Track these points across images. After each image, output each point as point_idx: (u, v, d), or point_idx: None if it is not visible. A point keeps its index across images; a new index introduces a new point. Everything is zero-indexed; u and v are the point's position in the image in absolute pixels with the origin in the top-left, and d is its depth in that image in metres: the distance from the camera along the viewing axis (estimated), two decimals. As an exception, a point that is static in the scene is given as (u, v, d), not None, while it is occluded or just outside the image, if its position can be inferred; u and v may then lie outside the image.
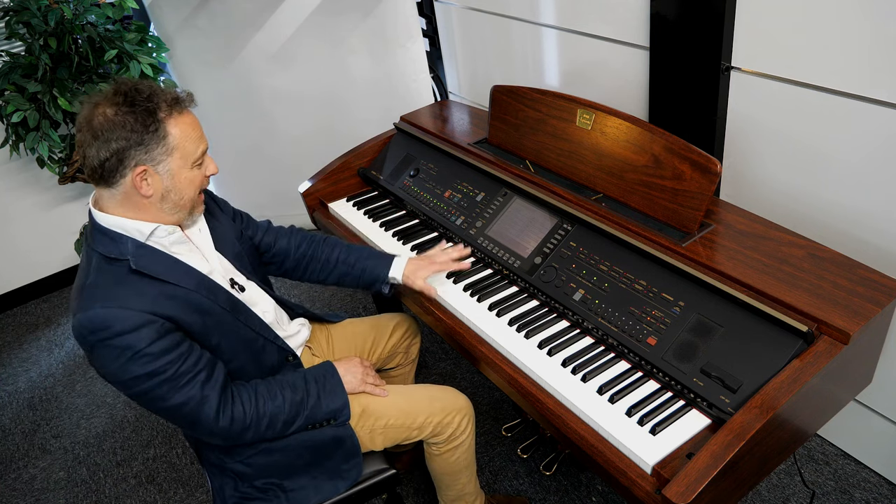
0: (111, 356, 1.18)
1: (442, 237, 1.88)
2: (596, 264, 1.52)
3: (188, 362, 1.24)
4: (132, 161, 1.19)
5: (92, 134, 1.17)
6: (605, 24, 1.99)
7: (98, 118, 1.18)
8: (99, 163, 1.18)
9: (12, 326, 3.21)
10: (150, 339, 1.19)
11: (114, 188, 1.22)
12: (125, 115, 1.18)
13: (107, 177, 1.20)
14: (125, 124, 1.17)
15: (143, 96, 1.19)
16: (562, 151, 1.76)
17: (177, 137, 1.22)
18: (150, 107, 1.19)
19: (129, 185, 1.21)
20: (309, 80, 3.04)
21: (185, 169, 1.26)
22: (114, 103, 1.18)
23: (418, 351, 1.98)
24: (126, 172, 1.20)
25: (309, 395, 1.42)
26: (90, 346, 1.19)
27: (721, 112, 1.75)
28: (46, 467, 2.38)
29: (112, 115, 1.17)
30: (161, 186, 1.24)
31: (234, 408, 1.31)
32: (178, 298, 1.26)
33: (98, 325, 1.16)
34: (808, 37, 1.49)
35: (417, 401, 1.59)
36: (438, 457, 1.65)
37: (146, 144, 1.19)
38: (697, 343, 1.29)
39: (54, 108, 2.52)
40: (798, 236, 1.45)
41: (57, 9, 2.44)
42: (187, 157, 1.25)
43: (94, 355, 1.20)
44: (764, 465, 1.22)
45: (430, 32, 3.05)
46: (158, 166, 1.22)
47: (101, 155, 1.17)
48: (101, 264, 1.22)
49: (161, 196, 1.25)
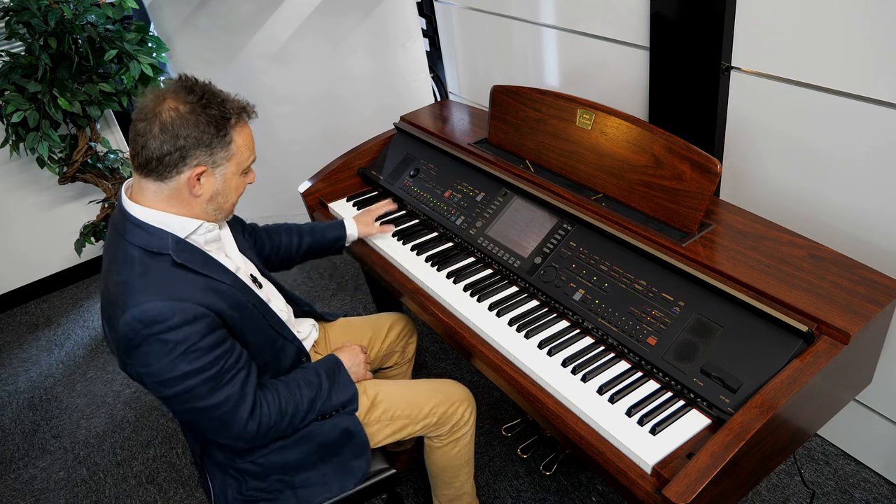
0: (161, 351, 1.16)
1: (442, 237, 1.88)
2: (596, 264, 1.52)
3: (231, 359, 1.24)
4: (194, 160, 1.20)
5: (160, 126, 1.17)
6: (605, 24, 1.99)
7: (170, 112, 1.17)
8: (160, 155, 1.17)
9: (12, 326, 3.21)
10: (203, 334, 1.18)
11: (164, 182, 1.21)
12: (199, 115, 1.18)
13: (162, 170, 1.19)
14: (198, 124, 1.18)
15: (217, 100, 1.21)
16: (562, 151, 1.76)
17: (238, 145, 1.25)
18: (223, 112, 1.21)
19: (182, 182, 1.21)
20: (309, 80, 3.04)
21: (236, 176, 1.28)
22: (187, 101, 1.19)
23: (415, 350, 1.99)
24: (184, 170, 1.20)
25: (321, 389, 1.43)
26: (140, 342, 1.15)
27: (721, 112, 1.75)
28: (46, 467, 2.38)
29: (186, 112, 1.18)
30: (212, 188, 1.25)
31: (261, 409, 1.31)
32: (221, 293, 1.26)
33: (155, 318, 1.14)
34: (808, 37, 1.49)
35: (421, 392, 1.61)
36: (440, 449, 1.65)
37: (212, 147, 1.20)
38: (697, 343, 1.29)
39: (54, 108, 2.52)
40: (798, 236, 1.45)
41: (57, 9, 2.44)
42: (241, 164, 1.28)
43: (141, 352, 1.16)
44: (764, 465, 1.22)
45: (430, 32, 3.05)
46: (216, 169, 1.24)
47: (164, 148, 1.17)
48: (144, 258, 1.20)
49: (210, 197, 1.26)
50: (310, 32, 2.92)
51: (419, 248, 1.85)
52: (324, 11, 2.88)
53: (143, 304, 1.14)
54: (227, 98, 1.25)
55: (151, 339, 1.15)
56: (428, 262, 1.78)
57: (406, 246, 1.87)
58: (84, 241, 2.94)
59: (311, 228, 1.82)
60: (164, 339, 1.15)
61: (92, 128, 2.79)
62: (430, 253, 1.81)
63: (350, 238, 1.86)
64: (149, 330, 1.14)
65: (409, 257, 1.82)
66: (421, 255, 1.81)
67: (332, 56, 2.99)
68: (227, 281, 1.29)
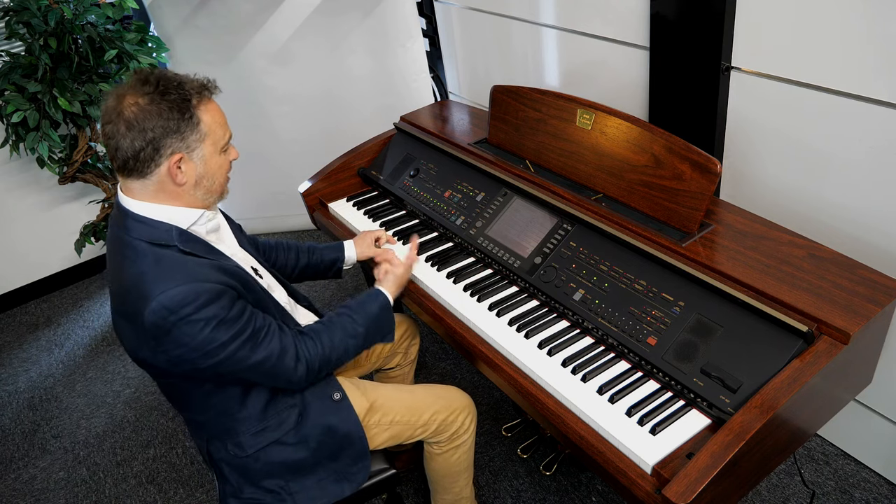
0: (195, 330, 1.18)
1: (442, 237, 1.88)
2: (596, 264, 1.52)
3: (259, 320, 1.28)
4: (168, 149, 1.19)
5: (126, 124, 1.16)
6: (605, 24, 1.99)
7: (131, 108, 1.17)
8: (133, 153, 1.17)
9: (12, 326, 3.21)
10: (229, 306, 1.22)
11: (147, 178, 1.22)
12: (159, 103, 1.18)
13: (140, 167, 1.20)
14: (161, 113, 1.17)
15: (173, 84, 1.20)
16: (562, 151, 1.76)
17: (208, 123, 1.24)
18: (182, 94, 1.20)
19: (163, 173, 1.21)
20: (309, 80, 3.04)
21: (216, 155, 1.27)
22: (144, 93, 1.18)
23: (417, 351, 1.98)
24: (161, 161, 1.20)
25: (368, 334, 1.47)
26: (170, 328, 1.16)
27: (721, 112, 1.75)
28: (46, 467, 2.38)
29: (146, 104, 1.17)
30: (195, 173, 1.25)
31: (307, 354, 1.35)
32: (230, 272, 1.28)
33: (182, 302, 1.16)
34: (808, 37, 1.49)
35: (423, 398, 1.60)
36: (439, 456, 1.65)
37: (181, 132, 1.20)
38: (697, 343, 1.29)
39: (54, 108, 2.52)
40: (798, 236, 1.45)
41: (57, 9, 2.44)
42: (217, 142, 1.27)
43: (173, 337, 1.18)
44: (764, 465, 1.22)
45: (430, 32, 3.05)
46: (193, 153, 1.23)
47: (136, 145, 1.17)
48: (153, 249, 1.22)
49: (195, 183, 1.26)
50: (310, 32, 2.92)
51: (419, 248, 1.85)
52: (324, 11, 2.88)
53: (166, 292, 1.15)
54: (185, 79, 1.23)
55: (181, 324, 1.17)
56: (428, 262, 1.78)
57: (406, 246, 1.87)
58: (84, 241, 2.94)
59: (309, 248, 1.80)
60: (194, 320, 1.17)
61: (92, 128, 2.79)
62: (430, 253, 1.81)
63: (349, 261, 1.81)
64: (177, 315, 1.16)
65: (409, 257, 1.82)
66: (421, 255, 1.81)
67: (332, 56, 2.99)
68: (232, 265, 1.32)
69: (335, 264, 1.81)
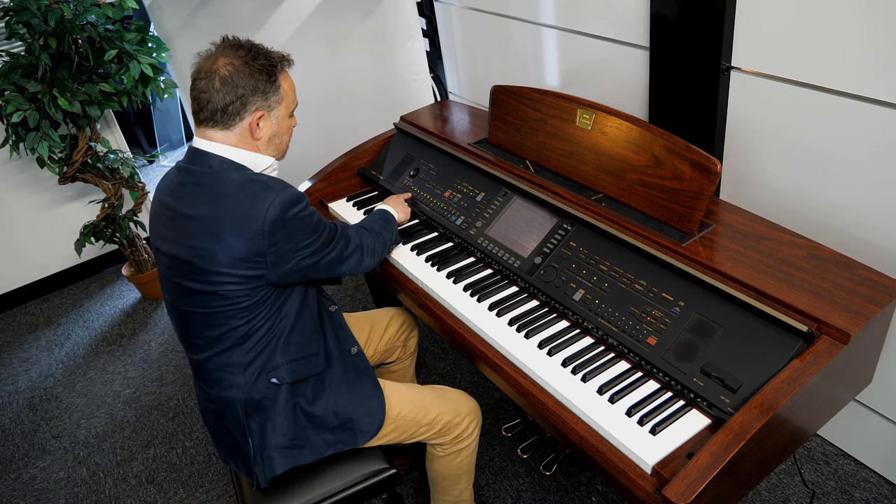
0: (307, 224, 1.37)
1: (442, 237, 1.88)
2: (596, 264, 1.52)
3: (328, 224, 1.47)
4: (253, 106, 1.37)
5: (221, 80, 1.33)
6: (605, 24, 1.99)
7: (226, 67, 1.33)
8: (224, 105, 1.34)
9: (12, 326, 3.21)
10: (316, 213, 1.42)
11: (230, 129, 1.37)
12: (251, 66, 1.35)
13: (226, 119, 1.36)
14: (252, 74, 1.35)
15: (262, 52, 1.39)
16: (562, 151, 1.76)
17: (285, 89, 1.42)
18: (270, 61, 1.38)
19: (245, 126, 1.37)
20: (309, 81, 3.03)
21: (287, 118, 1.46)
22: (238, 56, 1.35)
23: (416, 344, 2.00)
24: (245, 115, 1.36)
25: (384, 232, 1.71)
26: (289, 220, 1.33)
27: (721, 112, 1.75)
28: (46, 467, 2.38)
29: (240, 65, 1.34)
30: (270, 130, 1.42)
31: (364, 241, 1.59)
32: None
33: (296, 200, 1.34)
34: (807, 37, 1.49)
35: (430, 397, 1.61)
36: (442, 458, 1.65)
37: (266, 93, 1.37)
38: (697, 343, 1.29)
39: (54, 108, 2.52)
40: (798, 236, 1.45)
41: (57, 9, 2.44)
42: (289, 106, 1.45)
43: (291, 227, 1.34)
44: (764, 465, 1.22)
45: (430, 32, 3.05)
46: (272, 113, 1.41)
47: (227, 98, 1.34)
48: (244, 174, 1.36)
49: (269, 139, 1.43)
50: (310, 33, 2.92)
51: (419, 247, 1.85)
52: (324, 12, 2.88)
53: (286, 189, 1.34)
54: (270, 50, 1.41)
55: (297, 217, 1.35)
56: (428, 262, 1.78)
57: (406, 246, 1.87)
58: (84, 241, 2.94)
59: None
60: (304, 215, 1.36)
61: (92, 128, 2.79)
62: (430, 253, 1.81)
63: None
64: (295, 209, 1.34)
65: (409, 257, 1.82)
66: (421, 255, 1.81)
67: (332, 56, 2.99)
68: None
69: None
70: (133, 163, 3.01)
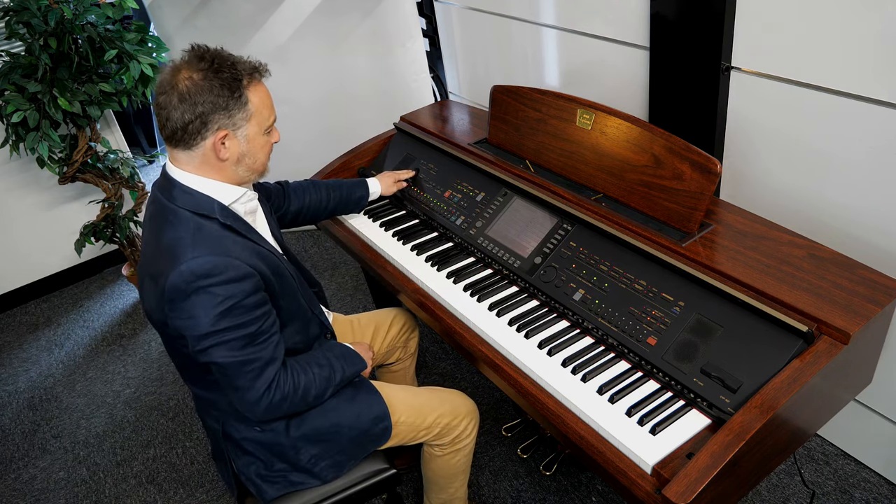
0: (209, 303, 1.19)
1: (442, 237, 1.88)
2: (596, 264, 1.52)
3: (268, 322, 1.28)
4: (215, 125, 1.24)
5: (178, 97, 1.21)
6: (605, 24, 1.99)
7: (184, 82, 1.21)
8: (182, 125, 1.22)
9: (12, 326, 3.21)
10: (248, 293, 1.23)
11: (192, 150, 1.26)
12: (212, 80, 1.22)
13: (187, 139, 1.24)
14: (212, 89, 1.22)
15: (227, 63, 1.24)
16: (562, 151, 1.76)
17: (255, 104, 1.28)
18: (235, 74, 1.24)
19: (208, 147, 1.26)
20: (309, 81, 3.04)
21: (259, 135, 1.31)
22: (199, 69, 1.22)
23: (417, 345, 2.00)
24: (207, 135, 1.24)
25: (334, 370, 1.44)
26: (190, 292, 1.19)
27: (721, 112, 1.75)
28: (46, 467, 2.38)
29: (199, 79, 1.21)
30: (237, 150, 1.29)
31: (280, 378, 1.31)
32: (264, 257, 1.31)
33: (209, 271, 1.19)
34: (808, 37, 1.49)
35: (428, 400, 1.60)
36: (440, 458, 1.65)
37: (229, 109, 1.24)
38: (697, 343, 1.29)
39: (54, 108, 2.52)
40: (798, 236, 1.45)
41: (57, 9, 2.44)
42: (262, 123, 1.31)
43: (189, 303, 1.19)
44: (764, 465, 1.22)
45: (430, 32, 3.05)
46: (238, 131, 1.27)
47: (185, 117, 1.21)
48: (195, 218, 1.26)
49: (237, 160, 1.30)
50: (310, 33, 2.92)
51: (419, 247, 1.85)
52: (324, 12, 2.88)
53: (198, 258, 1.19)
54: (239, 60, 1.28)
55: (201, 291, 1.19)
56: (428, 262, 1.78)
57: (406, 246, 1.87)
58: (84, 241, 2.94)
59: (337, 184, 1.91)
60: (213, 293, 1.19)
61: (92, 128, 2.79)
62: (430, 253, 1.81)
63: (373, 195, 1.97)
64: (200, 282, 1.19)
65: (409, 257, 1.82)
66: (421, 255, 1.81)
67: (332, 56, 2.99)
68: (268, 248, 1.35)
69: (362, 200, 1.96)
70: (133, 163, 3.01)
